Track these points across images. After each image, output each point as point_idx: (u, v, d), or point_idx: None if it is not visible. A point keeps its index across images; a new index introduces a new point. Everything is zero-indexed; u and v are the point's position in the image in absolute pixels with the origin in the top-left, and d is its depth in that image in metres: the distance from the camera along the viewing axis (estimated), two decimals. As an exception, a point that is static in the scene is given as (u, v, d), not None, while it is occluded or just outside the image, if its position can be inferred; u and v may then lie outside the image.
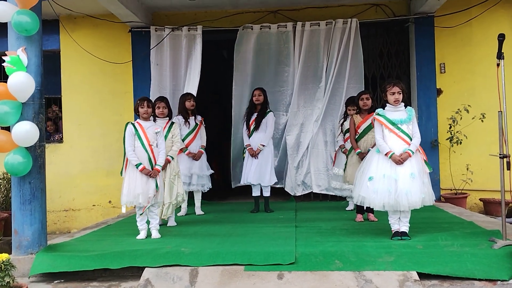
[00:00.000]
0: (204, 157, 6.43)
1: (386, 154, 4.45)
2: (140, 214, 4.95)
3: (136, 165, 4.84)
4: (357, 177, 4.65)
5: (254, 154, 6.34)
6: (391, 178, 4.38)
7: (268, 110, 6.52)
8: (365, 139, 5.47)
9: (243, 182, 6.56)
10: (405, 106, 4.64)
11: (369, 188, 4.43)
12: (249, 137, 6.44)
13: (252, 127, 6.42)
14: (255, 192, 6.51)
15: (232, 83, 7.63)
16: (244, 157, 6.56)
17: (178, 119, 6.20)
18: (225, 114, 10.33)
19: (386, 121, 4.54)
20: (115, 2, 6.53)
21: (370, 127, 5.44)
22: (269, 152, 6.47)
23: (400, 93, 4.54)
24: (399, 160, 4.39)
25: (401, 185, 4.34)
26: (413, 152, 4.44)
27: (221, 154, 9.35)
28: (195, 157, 6.24)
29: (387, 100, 4.60)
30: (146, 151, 4.90)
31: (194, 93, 7.12)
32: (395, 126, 4.51)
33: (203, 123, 6.47)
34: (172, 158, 5.41)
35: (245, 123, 6.54)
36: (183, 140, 6.14)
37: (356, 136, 5.53)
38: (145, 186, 4.86)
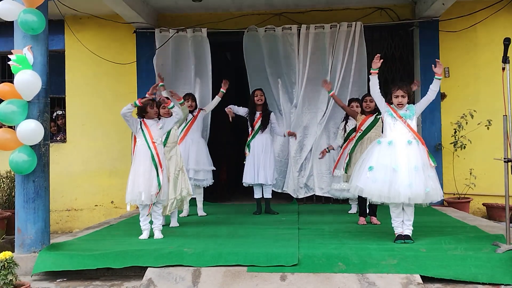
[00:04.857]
0: (202, 150, 6.42)
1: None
2: (147, 216, 4.96)
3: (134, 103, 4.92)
4: (356, 168, 4.62)
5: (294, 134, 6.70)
6: (390, 167, 4.33)
7: (270, 110, 6.58)
8: (368, 136, 5.49)
9: (250, 182, 6.43)
10: None
11: (368, 178, 4.38)
12: (253, 138, 6.43)
13: (256, 127, 6.41)
14: (257, 194, 6.51)
15: (235, 85, 7.65)
16: (245, 154, 6.50)
17: None
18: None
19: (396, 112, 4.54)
20: (120, 3, 6.56)
21: (372, 125, 5.51)
22: (272, 152, 6.51)
23: (404, 97, 4.53)
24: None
25: (402, 176, 4.29)
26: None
27: (227, 155, 9.33)
28: None
29: (393, 103, 4.60)
30: (150, 148, 4.91)
31: (210, 97, 7.35)
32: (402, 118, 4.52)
33: (200, 112, 6.53)
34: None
35: (248, 122, 6.52)
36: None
37: (360, 134, 5.57)
38: (148, 184, 4.86)
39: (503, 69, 4.23)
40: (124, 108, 4.93)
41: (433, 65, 4.65)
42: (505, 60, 4.22)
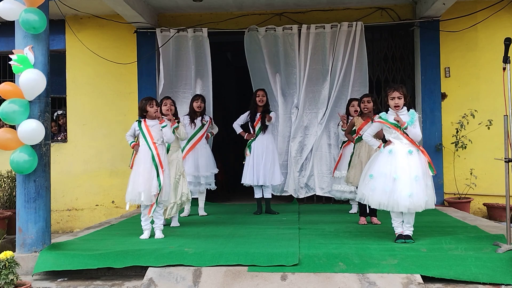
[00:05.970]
0: (210, 154, 6.47)
1: (378, 147, 4.63)
2: (150, 217, 4.95)
3: (130, 142, 5.10)
4: (362, 175, 4.69)
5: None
6: (390, 177, 4.37)
7: (270, 110, 6.57)
8: None
9: (250, 183, 6.45)
10: (408, 110, 4.62)
11: (367, 186, 4.48)
12: (254, 139, 6.44)
13: (257, 128, 6.42)
14: (257, 194, 6.51)
15: (235, 85, 7.64)
16: (246, 155, 6.50)
17: (184, 118, 6.26)
18: (228, 115, 10.36)
19: (390, 123, 4.53)
20: (121, 3, 6.56)
21: None
22: (275, 152, 6.51)
23: (400, 98, 4.51)
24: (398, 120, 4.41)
25: (402, 185, 4.31)
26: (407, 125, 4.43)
27: (225, 155, 9.36)
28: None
29: (389, 105, 4.60)
30: (150, 148, 4.92)
31: (210, 97, 7.38)
32: (400, 128, 4.50)
33: (212, 123, 6.62)
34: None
35: (249, 123, 6.52)
36: (189, 140, 6.21)
37: (358, 137, 5.60)
38: (148, 184, 4.86)
39: (504, 69, 4.23)
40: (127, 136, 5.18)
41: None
42: (505, 60, 4.21)
